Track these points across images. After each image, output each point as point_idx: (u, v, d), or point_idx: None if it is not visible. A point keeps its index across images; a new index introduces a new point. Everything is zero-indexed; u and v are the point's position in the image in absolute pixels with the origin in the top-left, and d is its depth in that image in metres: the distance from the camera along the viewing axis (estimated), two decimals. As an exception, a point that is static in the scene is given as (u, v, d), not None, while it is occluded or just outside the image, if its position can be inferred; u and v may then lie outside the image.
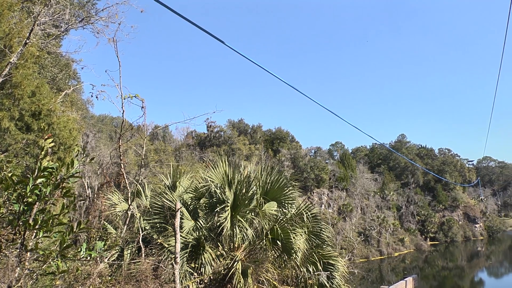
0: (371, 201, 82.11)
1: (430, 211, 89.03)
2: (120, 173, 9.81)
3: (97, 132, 40.46)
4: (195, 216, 10.42)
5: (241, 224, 9.68)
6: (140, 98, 8.99)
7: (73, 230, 4.22)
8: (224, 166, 10.46)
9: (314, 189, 73.49)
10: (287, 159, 72.80)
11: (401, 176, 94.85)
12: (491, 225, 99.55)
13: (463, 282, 57.33)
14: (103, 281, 7.57)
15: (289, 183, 10.85)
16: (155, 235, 10.16)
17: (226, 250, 10.06)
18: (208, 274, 9.47)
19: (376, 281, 51.24)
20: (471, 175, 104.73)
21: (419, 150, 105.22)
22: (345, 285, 10.63)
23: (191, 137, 72.38)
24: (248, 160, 57.42)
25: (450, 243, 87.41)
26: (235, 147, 66.12)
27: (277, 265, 10.05)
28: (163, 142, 61.47)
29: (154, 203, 10.58)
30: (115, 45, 8.98)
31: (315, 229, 10.63)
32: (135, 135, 11.52)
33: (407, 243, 78.99)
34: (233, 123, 78.49)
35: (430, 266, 68.07)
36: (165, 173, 12.87)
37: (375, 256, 71.07)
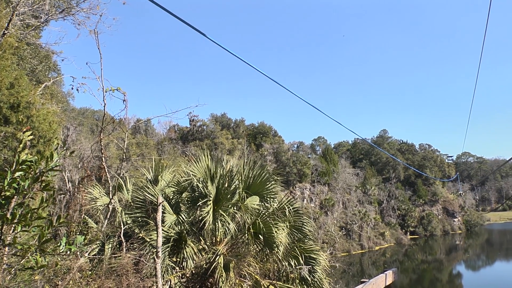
0: (352, 195, 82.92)
1: (410, 205, 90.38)
2: (101, 166, 9.71)
3: (78, 125, 39.91)
4: (177, 210, 10.38)
5: (223, 218, 9.67)
6: (122, 91, 8.89)
7: (52, 224, 4.16)
8: (207, 160, 10.43)
9: (297, 183, 73.85)
10: (269, 154, 72.92)
11: (383, 171, 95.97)
12: (469, 219, 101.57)
13: (442, 275, 58.41)
14: (84, 276, 7.50)
15: (272, 177, 10.87)
16: (137, 229, 10.09)
17: (208, 244, 10.05)
18: (190, 268, 9.45)
19: (357, 275, 51.86)
20: (450, 170, 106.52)
21: (401, 145, 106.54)
22: (326, 278, 10.71)
23: (173, 131, 71.94)
24: (230, 155, 57.32)
25: (429, 237, 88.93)
26: (218, 141, 65.96)
27: (259, 259, 10.08)
28: (145, 136, 60.93)
29: (136, 197, 10.49)
30: (96, 37, 8.85)
31: (297, 223, 10.68)
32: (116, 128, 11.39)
33: (387, 237, 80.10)
34: (216, 117, 78.24)
35: (409, 260, 69.17)
36: (147, 167, 12.76)
37: (356, 250, 71.90)
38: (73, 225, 8.95)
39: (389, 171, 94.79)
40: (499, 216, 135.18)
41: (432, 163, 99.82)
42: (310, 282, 10.24)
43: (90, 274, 7.69)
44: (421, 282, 54.75)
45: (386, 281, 9.26)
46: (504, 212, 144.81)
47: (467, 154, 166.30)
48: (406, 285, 51.44)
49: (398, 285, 44.99)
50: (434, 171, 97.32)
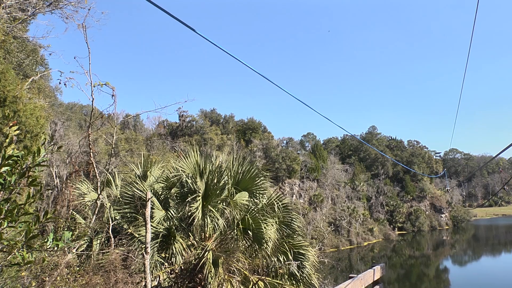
0: (341, 191, 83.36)
1: (398, 201, 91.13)
2: (89, 162, 9.63)
3: (66, 120, 39.55)
4: (166, 206, 10.35)
5: (212, 214, 9.66)
6: (110, 86, 8.83)
7: (39, 220, 4.12)
8: (196, 156, 10.40)
9: (286, 179, 74.02)
10: (259, 150, 72.97)
11: (371, 167, 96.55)
12: (456, 215, 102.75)
13: (429, 270, 59.04)
14: (71, 272, 7.46)
15: (261, 173, 10.87)
16: (126, 225, 10.04)
17: (197, 240, 10.04)
18: (179, 264, 9.44)
19: (345, 270, 52.19)
20: (438, 167, 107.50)
21: (389, 142, 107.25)
22: (315, 274, 10.76)
23: (162, 127, 71.66)
24: (220, 150, 57.27)
25: (417, 233, 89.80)
26: (207, 137, 65.83)
27: (248, 254, 10.09)
28: (134, 131, 60.61)
29: (125, 192, 10.43)
30: (84, 31, 8.77)
31: (286, 219, 10.71)
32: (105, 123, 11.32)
33: (376, 232, 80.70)
34: (206, 112, 78.07)
35: (397, 255, 69.79)
36: (135, 163, 12.70)
37: (345, 246, 72.34)
38: (60, 220, 8.88)
39: (378, 167, 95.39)
40: (485, 212, 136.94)
41: (420, 159, 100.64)
42: (299, 277, 10.28)
43: (78, 270, 7.65)
44: (408, 277, 55.28)
45: (374, 276, 9.33)
46: (490, 208, 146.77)
47: (455, 151, 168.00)
48: (394, 280, 51.91)
49: (386, 280, 45.33)
50: (422, 167, 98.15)
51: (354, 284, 8.12)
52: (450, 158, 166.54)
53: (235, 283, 9.43)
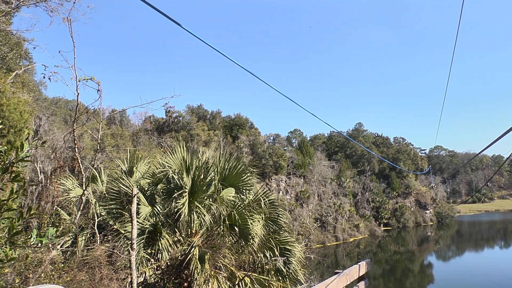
0: (328, 188, 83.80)
1: (384, 198, 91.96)
2: (74, 157, 9.53)
3: (51, 115, 39.05)
4: (152, 202, 10.30)
5: (198, 210, 9.64)
6: (96, 81, 8.73)
7: (23, 216, 4.07)
8: (182, 151, 10.36)
9: (272, 175, 74.18)
10: (246, 146, 72.96)
11: (358, 163, 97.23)
12: (440, 211, 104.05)
13: (414, 266, 59.77)
14: (56, 268, 7.39)
15: (247, 169, 10.87)
16: (111, 221, 9.97)
17: (184, 236, 10.01)
18: (165, 260, 9.41)
19: (331, 266, 52.59)
20: (423, 163, 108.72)
21: (376, 139, 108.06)
22: (301, 270, 10.81)
23: (149, 122, 71.20)
24: (206, 146, 57.18)
25: (402, 229, 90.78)
26: (194, 133, 65.61)
27: (234, 250, 10.10)
28: (120, 127, 60.13)
29: (111, 188, 10.35)
30: (69, 25, 8.65)
31: (272, 215, 10.73)
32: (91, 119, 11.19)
33: (362, 228, 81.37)
34: (192, 108, 77.76)
35: (383, 251, 70.51)
36: (122, 158, 12.58)
37: (331, 242, 72.81)
38: (44, 217, 8.78)
39: (364, 164, 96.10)
40: (468, 208, 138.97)
41: (406, 156, 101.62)
42: (285, 273, 10.32)
43: (62, 267, 7.58)
44: (393, 272, 55.89)
45: (359, 272, 9.41)
46: (474, 204, 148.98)
47: (439, 148, 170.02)
48: (379, 276, 52.43)
49: (371, 276, 45.82)
50: (407, 164, 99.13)
51: (340, 280, 8.19)
52: (435, 155, 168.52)
53: (221, 279, 9.43)
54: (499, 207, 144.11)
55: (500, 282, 42.61)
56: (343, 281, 8.39)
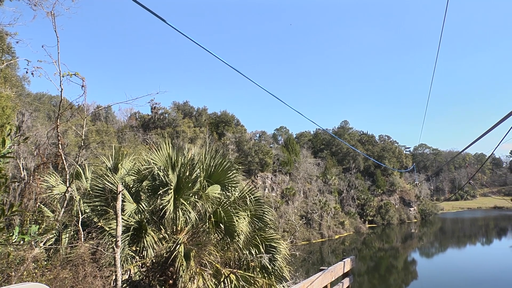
0: (313, 185, 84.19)
1: (369, 195, 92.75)
2: (58, 154, 9.42)
3: (34, 111, 38.51)
4: (138, 199, 10.23)
5: (184, 207, 9.60)
6: (80, 77, 8.64)
7: (4, 213, 4.01)
8: (168, 148, 10.30)
9: (258, 173, 74.25)
10: (232, 143, 72.90)
11: (343, 161, 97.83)
12: (424, 209, 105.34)
13: (398, 262, 60.48)
14: (38, 266, 7.29)
15: (233, 166, 10.85)
16: (96, 218, 9.88)
17: (169, 233, 9.97)
18: (150, 258, 9.36)
19: (316, 263, 52.89)
20: (407, 161, 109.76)
21: (361, 136, 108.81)
22: (286, 267, 10.84)
23: (134, 119, 70.72)
24: (192, 143, 56.93)
25: (386, 226, 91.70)
26: (180, 130, 65.34)
27: (219, 247, 10.08)
28: (105, 123, 59.63)
29: (95, 185, 10.24)
30: (53, 19, 8.52)
31: (258, 212, 10.74)
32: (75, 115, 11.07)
33: (347, 226, 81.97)
34: (178, 105, 77.42)
35: (367, 248, 71.17)
36: (107, 155, 12.46)
37: (317, 239, 73.24)
38: (27, 214, 8.65)
39: (350, 162, 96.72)
40: (451, 205, 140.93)
41: (391, 154, 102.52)
42: (270, 270, 10.34)
43: (45, 265, 7.49)
44: (378, 269, 56.47)
45: (344, 268, 9.51)
46: (457, 201, 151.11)
47: (424, 146, 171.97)
48: (364, 273, 52.94)
49: (356, 273, 46.21)
50: (392, 162, 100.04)
51: (325, 277, 8.25)
52: (419, 153, 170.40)
53: (206, 276, 9.42)
54: (481, 204, 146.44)
55: (481, 278, 43.38)
56: (328, 277, 8.46)
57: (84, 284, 7.04)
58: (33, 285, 3.64)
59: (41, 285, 3.40)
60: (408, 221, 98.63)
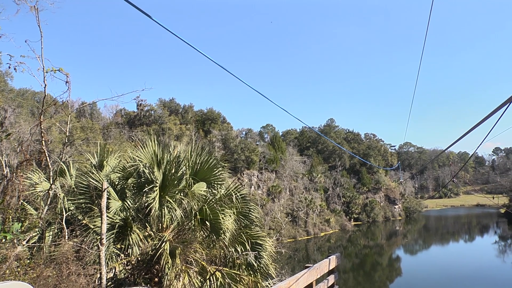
0: (299, 183, 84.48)
1: (355, 193, 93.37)
2: (41, 151, 9.31)
3: (17, 107, 37.97)
4: (123, 196, 10.15)
5: (169, 204, 9.57)
6: (64, 72, 8.54)
7: (-14, 211, 3.95)
8: (154, 145, 10.24)
9: (244, 170, 74.24)
10: (218, 140, 72.75)
11: (329, 159, 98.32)
12: (408, 206, 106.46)
13: (382, 259, 61.04)
14: (21, 265, 7.21)
15: (219, 164, 10.84)
16: (80, 216, 9.79)
17: (154, 231, 9.93)
18: (136, 255, 9.31)
19: (302, 260, 53.12)
20: (393, 159, 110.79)
21: (347, 135, 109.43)
22: (272, 264, 10.87)
23: (120, 115, 70.15)
24: (178, 140, 56.73)
25: (372, 223, 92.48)
26: (166, 127, 65.02)
27: (205, 245, 10.08)
28: (90, 120, 59.04)
29: (80, 182, 10.14)
30: (37, 14, 8.40)
31: (244, 209, 10.75)
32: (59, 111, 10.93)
33: (332, 223, 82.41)
34: (164, 102, 76.98)
35: (353, 245, 71.69)
36: (92, 152, 12.34)
37: (302, 236, 73.53)
38: (9, 211, 8.53)
39: (335, 159, 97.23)
40: (435, 203, 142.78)
41: (376, 152, 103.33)
42: (256, 267, 10.37)
43: (28, 263, 7.40)
44: (363, 266, 56.93)
45: (329, 265, 9.57)
46: (440, 199, 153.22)
47: (409, 144, 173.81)
48: (349, 270, 53.32)
49: (341, 270, 46.55)
50: (378, 160, 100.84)
51: (310, 274, 8.29)
52: (404, 151, 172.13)
53: (192, 273, 9.41)
54: (464, 202, 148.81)
55: (464, 274, 44.03)
56: (313, 275, 8.50)
57: (68, 282, 6.98)
58: (16, 283, 3.59)
59: (24, 283, 3.36)
60: (393, 218, 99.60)
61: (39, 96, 54.37)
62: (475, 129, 5.13)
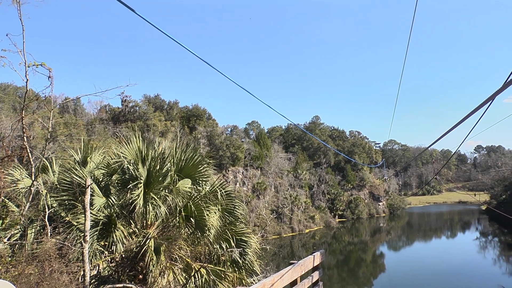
0: (284, 179, 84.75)
1: (339, 190, 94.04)
2: (23, 147, 9.17)
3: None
4: (107, 193, 10.05)
5: (154, 201, 9.50)
6: (47, 67, 8.40)
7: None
8: (138, 142, 10.15)
9: (230, 167, 74.19)
10: (203, 137, 72.54)
11: (314, 156, 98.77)
12: (392, 203, 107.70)
13: (366, 256, 61.67)
14: (3, 263, 7.10)
15: (204, 160, 10.80)
16: (63, 213, 9.66)
17: (139, 228, 9.86)
18: (120, 252, 9.23)
19: (287, 257, 53.36)
20: (377, 157, 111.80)
21: (332, 132, 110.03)
22: (257, 261, 10.89)
23: (104, 111, 69.42)
24: (163, 137, 56.44)
25: (356, 220, 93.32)
26: (151, 123, 64.59)
27: (190, 242, 10.04)
28: (74, 116, 58.33)
29: (63, 179, 10.00)
30: (18, 7, 8.25)
31: (228, 206, 10.74)
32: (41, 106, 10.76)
33: (317, 220, 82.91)
34: (149, 98, 76.43)
35: (337, 242, 72.27)
36: (75, 148, 12.18)
37: (287, 233, 73.84)
38: (-10, 209, 8.40)
39: (320, 157, 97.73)
40: (418, 200, 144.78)
41: (361, 149, 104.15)
42: (241, 264, 10.37)
43: (10, 261, 7.30)
44: (347, 262, 57.45)
45: (314, 262, 9.60)
46: (423, 196, 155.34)
47: (393, 142, 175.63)
48: (334, 266, 53.76)
49: (326, 266, 46.91)
50: (362, 157, 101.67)
51: (295, 270, 8.32)
52: (388, 148, 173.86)
53: (177, 270, 9.38)
54: (446, 199, 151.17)
55: (446, 269, 44.74)
56: (298, 271, 8.53)
57: (51, 280, 6.89)
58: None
59: (5, 282, 3.31)
60: (377, 215, 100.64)
61: (21, 91, 53.47)
62: (458, 127, 5.20)
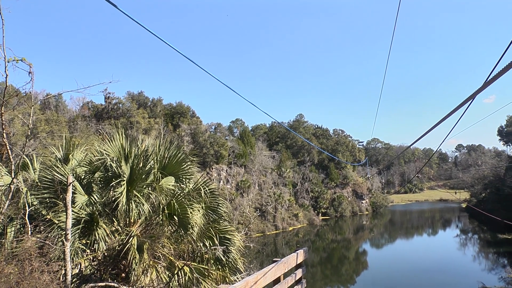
0: (268, 177, 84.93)
1: (323, 188, 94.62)
2: (2, 143, 9.02)
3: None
4: (89, 191, 9.94)
5: (137, 199, 9.43)
6: (27, 63, 8.26)
7: None
8: (121, 139, 10.06)
9: (213, 165, 74.04)
10: (187, 134, 72.22)
11: (298, 154, 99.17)
12: (375, 201, 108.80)
13: (349, 253, 62.19)
14: (-19, 261, 6.98)
15: (188, 158, 10.75)
16: (44, 211, 9.54)
17: (122, 226, 9.78)
18: (102, 251, 9.15)
19: (271, 254, 53.51)
20: (360, 155, 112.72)
21: (316, 130, 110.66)
22: (241, 258, 10.90)
23: (87, 108, 68.61)
24: (147, 134, 56.01)
25: (339, 218, 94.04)
26: (134, 120, 64.03)
27: (173, 240, 10.01)
28: (55, 112, 57.49)
29: (44, 176, 9.86)
30: (-2, 1, 8.08)
31: (212, 204, 10.73)
32: (22, 102, 10.60)
33: (301, 218, 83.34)
34: (133, 95, 75.73)
35: (321, 239, 72.71)
36: (57, 145, 12.02)
37: (271, 231, 74.06)
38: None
39: (304, 155, 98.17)
40: (401, 198, 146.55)
41: (345, 147, 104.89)
42: (224, 262, 10.38)
43: (-12, 260, 7.17)
44: (330, 260, 57.83)
45: (297, 260, 9.66)
46: (405, 194, 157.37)
47: (376, 140, 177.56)
48: (317, 263, 54.06)
49: (309, 264, 47.18)
50: (346, 156, 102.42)
51: (278, 268, 8.36)
52: (371, 147, 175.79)
53: (160, 268, 9.34)
54: (428, 197, 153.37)
55: (427, 267, 45.37)
56: (281, 269, 8.58)
57: (31, 279, 6.79)
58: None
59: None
60: (360, 213, 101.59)
61: (0, 87, 52.57)
62: (439, 126, 5.29)
